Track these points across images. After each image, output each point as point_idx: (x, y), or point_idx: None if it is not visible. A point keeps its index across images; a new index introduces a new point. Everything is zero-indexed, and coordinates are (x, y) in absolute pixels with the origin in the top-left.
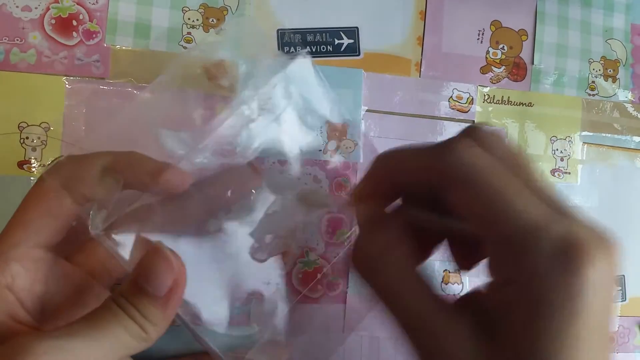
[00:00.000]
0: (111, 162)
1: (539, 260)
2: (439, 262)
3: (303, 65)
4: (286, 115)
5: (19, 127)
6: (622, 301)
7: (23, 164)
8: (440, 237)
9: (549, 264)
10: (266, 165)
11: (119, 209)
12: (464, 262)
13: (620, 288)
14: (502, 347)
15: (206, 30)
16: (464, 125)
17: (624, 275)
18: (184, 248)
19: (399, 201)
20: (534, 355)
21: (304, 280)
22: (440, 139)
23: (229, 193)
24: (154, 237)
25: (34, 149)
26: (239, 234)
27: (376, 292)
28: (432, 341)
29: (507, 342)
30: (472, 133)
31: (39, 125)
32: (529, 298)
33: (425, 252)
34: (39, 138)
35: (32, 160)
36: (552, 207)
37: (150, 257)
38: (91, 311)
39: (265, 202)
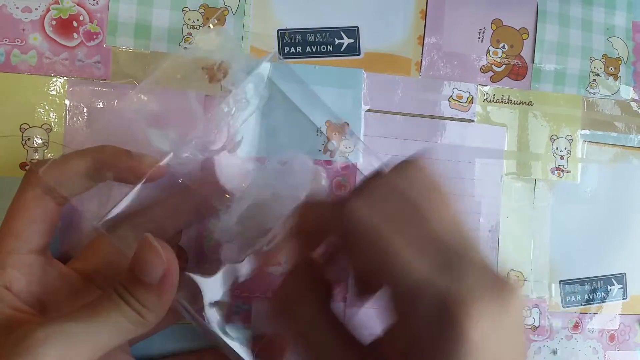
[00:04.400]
0: (89, 163)
1: (418, 324)
2: None
3: (274, 65)
4: (261, 112)
5: (20, 128)
6: (623, 299)
7: (25, 165)
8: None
9: (428, 327)
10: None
11: (115, 204)
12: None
13: (622, 286)
14: None
15: None
16: (464, 125)
17: (625, 274)
18: None
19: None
20: None
21: None
22: (441, 138)
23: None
24: (148, 230)
25: (35, 151)
26: None
27: (290, 331)
28: None
29: None
30: (364, 187)
31: (41, 127)
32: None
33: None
34: (40, 140)
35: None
36: (435, 261)
37: (141, 248)
38: (93, 299)
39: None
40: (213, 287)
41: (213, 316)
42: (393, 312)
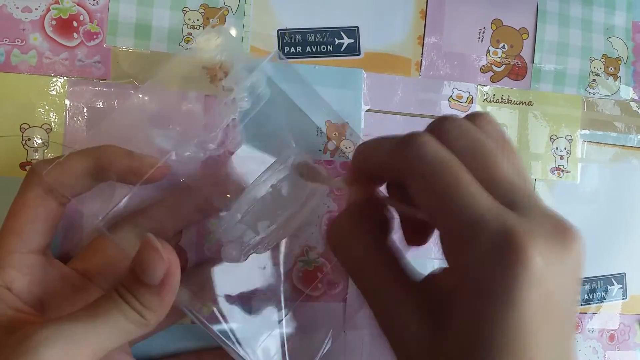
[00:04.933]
0: (92, 163)
1: (476, 254)
2: None
3: (275, 65)
4: (262, 111)
5: (20, 128)
6: (623, 299)
7: (25, 165)
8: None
9: (486, 258)
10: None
11: (117, 203)
12: (417, 238)
13: (621, 286)
14: (446, 337)
15: None
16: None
17: (624, 274)
18: None
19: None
20: (472, 353)
21: (305, 279)
22: None
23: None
24: (149, 229)
25: (36, 151)
26: None
27: (344, 264)
28: (384, 317)
29: (450, 333)
30: (436, 126)
31: (41, 127)
32: (467, 290)
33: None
34: (40, 139)
35: (35, 162)
36: (503, 200)
37: (143, 249)
38: (94, 300)
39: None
40: (216, 284)
41: (215, 315)
42: (451, 249)
